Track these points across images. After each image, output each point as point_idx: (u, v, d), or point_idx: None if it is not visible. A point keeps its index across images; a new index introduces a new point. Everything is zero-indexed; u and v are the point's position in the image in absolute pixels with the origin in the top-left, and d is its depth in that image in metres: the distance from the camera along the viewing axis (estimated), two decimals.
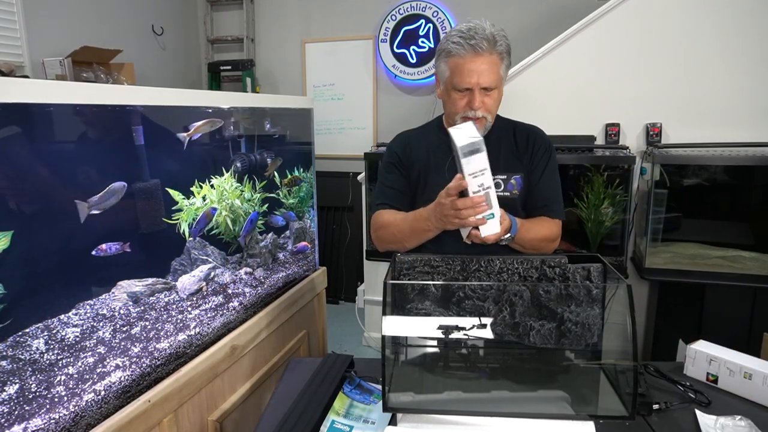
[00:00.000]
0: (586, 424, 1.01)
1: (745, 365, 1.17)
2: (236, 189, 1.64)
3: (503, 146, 1.42)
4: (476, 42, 1.28)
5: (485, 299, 1.13)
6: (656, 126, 2.58)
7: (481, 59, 1.29)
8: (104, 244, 1.17)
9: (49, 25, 2.92)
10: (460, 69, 1.30)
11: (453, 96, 1.34)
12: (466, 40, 1.29)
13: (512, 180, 1.42)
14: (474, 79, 1.29)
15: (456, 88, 1.32)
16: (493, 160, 1.37)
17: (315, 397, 1.15)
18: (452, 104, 1.36)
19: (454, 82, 1.32)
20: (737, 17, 2.45)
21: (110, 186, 1.17)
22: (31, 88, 0.99)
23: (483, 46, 1.28)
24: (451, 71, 1.32)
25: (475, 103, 1.31)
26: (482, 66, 1.29)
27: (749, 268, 2.32)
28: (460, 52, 1.29)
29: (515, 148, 1.44)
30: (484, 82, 1.30)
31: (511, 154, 1.43)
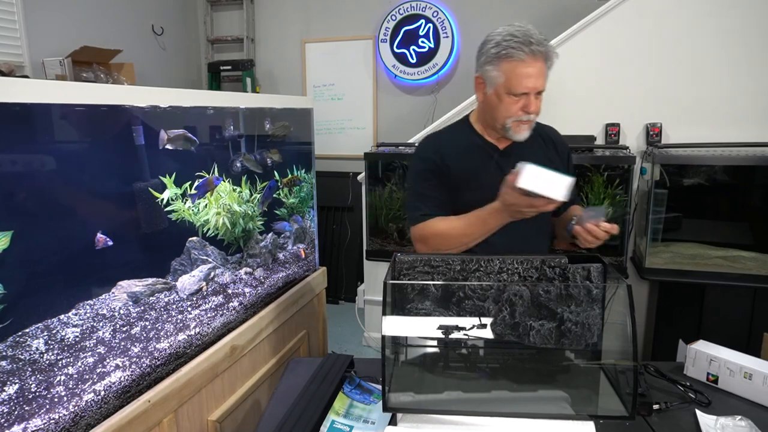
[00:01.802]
0: (586, 424, 1.01)
1: (745, 365, 1.17)
2: (234, 192, 1.64)
3: (535, 147, 1.44)
4: (534, 47, 1.27)
5: (485, 299, 1.13)
6: (656, 126, 2.58)
7: (539, 64, 1.29)
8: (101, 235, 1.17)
9: (49, 25, 2.92)
10: (518, 73, 1.29)
11: (506, 100, 1.33)
12: (524, 44, 1.27)
13: None
14: (532, 84, 1.29)
15: (512, 92, 1.31)
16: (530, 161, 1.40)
17: (315, 397, 1.15)
18: (505, 108, 1.34)
19: (510, 86, 1.30)
20: (737, 17, 2.45)
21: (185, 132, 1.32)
22: (31, 88, 0.99)
23: (540, 50, 1.28)
24: (507, 75, 1.30)
25: (532, 107, 1.31)
26: (539, 70, 1.29)
27: (749, 268, 2.32)
28: (519, 56, 1.28)
29: (545, 148, 1.47)
30: (540, 86, 1.31)
31: (543, 155, 1.45)
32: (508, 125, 1.35)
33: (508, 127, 1.36)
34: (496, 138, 1.43)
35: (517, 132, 1.36)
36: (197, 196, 1.44)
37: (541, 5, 3.52)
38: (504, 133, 1.38)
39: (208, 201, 1.51)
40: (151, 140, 1.30)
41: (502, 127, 1.37)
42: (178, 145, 1.41)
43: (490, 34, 1.35)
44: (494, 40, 1.32)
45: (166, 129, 1.36)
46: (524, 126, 1.35)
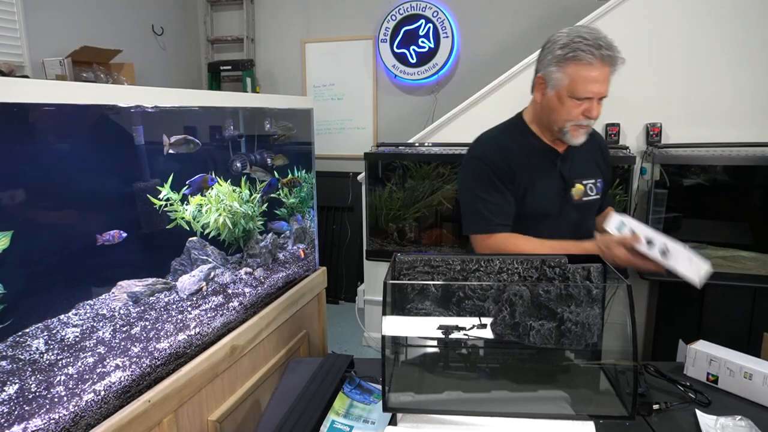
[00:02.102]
0: (586, 424, 1.01)
1: (746, 365, 1.17)
2: (234, 192, 1.64)
3: (587, 152, 1.44)
4: (604, 51, 1.24)
5: (485, 299, 1.13)
6: (656, 126, 2.58)
7: (606, 69, 1.26)
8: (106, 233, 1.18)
9: (49, 25, 2.92)
10: (585, 78, 1.25)
11: (568, 104, 1.30)
12: (594, 47, 1.24)
13: (598, 183, 1.47)
14: (597, 89, 1.26)
15: (576, 96, 1.28)
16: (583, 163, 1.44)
17: (315, 397, 1.15)
18: (566, 111, 1.31)
19: (575, 89, 1.27)
20: (737, 17, 2.45)
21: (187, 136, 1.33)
22: (31, 88, 0.98)
23: (609, 55, 1.25)
24: (573, 79, 1.26)
25: (595, 113, 1.29)
26: (605, 75, 1.27)
27: (749, 268, 2.32)
28: (587, 59, 1.24)
29: (594, 154, 1.47)
30: (604, 91, 1.29)
31: (593, 160, 1.46)
32: (566, 129, 1.32)
33: (566, 130, 1.33)
34: (552, 140, 1.40)
35: (575, 136, 1.33)
36: (191, 192, 1.42)
37: (541, 5, 3.52)
38: (560, 136, 1.35)
39: (209, 202, 1.51)
40: (150, 140, 1.30)
41: (560, 130, 1.34)
42: (180, 149, 1.41)
43: (556, 35, 1.30)
44: (561, 40, 1.28)
45: (167, 129, 1.37)
46: (582, 131, 1.33)
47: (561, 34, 1.29)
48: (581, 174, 1.44)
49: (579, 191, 1.43)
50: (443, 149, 2.96)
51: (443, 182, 3.01)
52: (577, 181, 1.43)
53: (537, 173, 1.39)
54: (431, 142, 3.03)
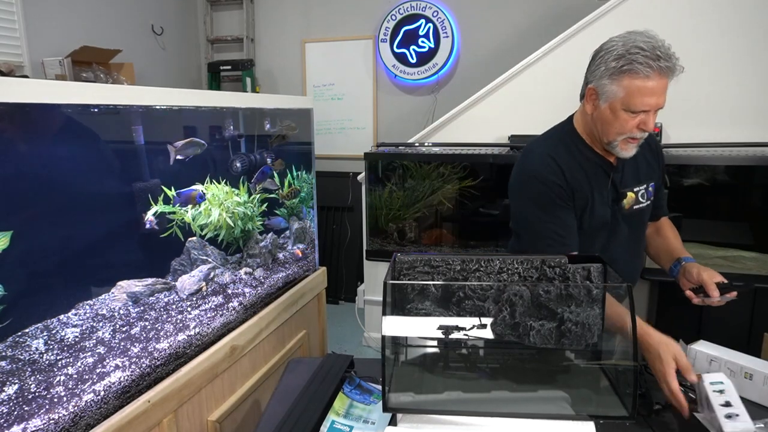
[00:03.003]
0: (586, 424, 1.01)
1: (746, 365, 1.17)
2: (231, 192, 1.64)
3: (637, 156, 1.37)
4: (663, 62, 1.19)
5: (485, 299, 1.12)
6: (656, 126, 2.58)
7: (664, 81, 1.21)
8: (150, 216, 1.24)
9: (49, 25, 2.92)
10: (642, 91, 1.19)
11: (623, 117, 1.23)
12: (652, 59, 1.18)
13: (650, 188, 1.43)
14: (654, 101, 1.21)
15: (631, 109, 1.22)
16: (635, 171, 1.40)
17: (315, 397, 1.15)
18: (620, 125, 1.24)
19: (630, 103, 1.21)
20: (737, 17, 2.45)
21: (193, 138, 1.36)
22: (31, 88, 0.98)
23: (668, 66, 1.19)
24: (628, 91, 1.20)
25: (650, 125, 1.23)
26: (662, 88, 1.21)
27: (749, 268, 2.32)
28: (645, 73, 1.18)
29: (645, 155, 1.42)
30: (661, 103, 1.23)
31: (644, 162, 1.42)
32: (616, 142, 1.26)
33: (616, 144, 1.27)
34: (604, 150, 1.35)
35: (625, 149, 1.27)
36: (178, 203, 1.41)
37: (541, 5, 3.52)
38: (610, 148, 1.30)
39: (210, 202, 1.51)
40: (150, 140, 1.30)
41: (609, 143, 1.28)
42: (187, 153, 1.41)
43: (609, 43, 1.23)
44: (616, 51, 1.21)
45: (167, 129, 1.37)
46: (633, 144, 1.27)
47: (615, 43, 1.22)
48: (633, 181, 1.39)
49: (630, 200, 1.38)
50: (443, 149, 2.96)
51: (443, 182, 3.01)
52: (628, 189, 1.38)
53: (593, 187, 1.34)
54: (431, 142, 3.03)
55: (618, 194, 1.38)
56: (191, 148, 1.42)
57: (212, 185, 1.54)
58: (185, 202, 1.41)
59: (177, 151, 1.37)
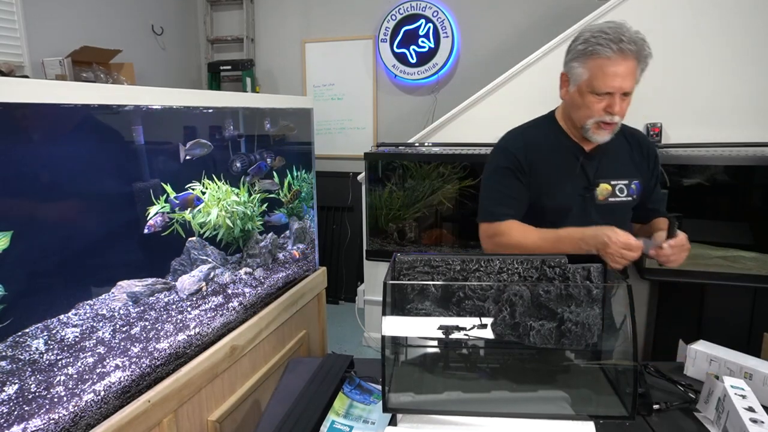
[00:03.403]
0: (586, 424, 1.01)
1: (746, 365, 1.17)
2: (230, 191, 1.64)
3: (621, 152, 1.40)
4: (624, 45, 1.22)
5: (485, 299, 1.12)
6: (656, 126, 2.58)
7: (628, 63, 1.24)
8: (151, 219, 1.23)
9: (49, 25, 2.92)
10: (604, 72, 1.24)
11: (589, 99, 1.28)
12: (614, 42, 1.22)
13: (633, 185, 1.42)
14: (617, 84, 1.24)
15: (596, 91, 1.27)
16: (615, 164, 1.40)
17: (315, 397, 1.15)
18: (587, 108, 1.29)
19: (594, 85, 1.26)
20: (737, 17, 2.45)
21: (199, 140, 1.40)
22: (31, 88, 0.98)
23: (631, 49, 1.23)
24: (592, 74, 1.26)
25: (616, 108, 1.27)
26: (627, 70, 1.24)
27: (749, 268, 2.32)
28: (606, 54, 1.23)
29: (631, 153, 1.43)
30: (627, 86, 1.26)
31: (629, 160, 1.43)
32: (588, 126, 1.31)
33: (587, 128, 1.31)
34: (581, 138, 1.38)
35: (597, 134, 1.31)
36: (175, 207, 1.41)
37: (541, 5, 3.52)
38: (584, 133, 1.34)
39: (207, 203, 1.51)
40: (150, 140, 1.30)
41: (582, 127, 1.32)
42: (195, 153, 1.43)
43: (581, 31, 1.30)
44: (583, 36, 1.27)
45: (167, 130, 1.37)
46: (605, 129, 1.30)
47: (586, 29, 1.28)
48: (612, 174, 1.40)
49: (605, 191, 1.39)
50: (443, 149, 2.96)
51: (443, 182, 3.01)
52: (604, 180, 1.39)
53: (558, 170, 1.37)
54: (431, 142, 3.02)
55: (590, 183, 1.38)
56: (198, 148, 1.44)
57: (212, 183, 1.53)
58: (183, 206, 1.42)
59: (186, 151, 1.39)
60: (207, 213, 1.51)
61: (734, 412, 0.99)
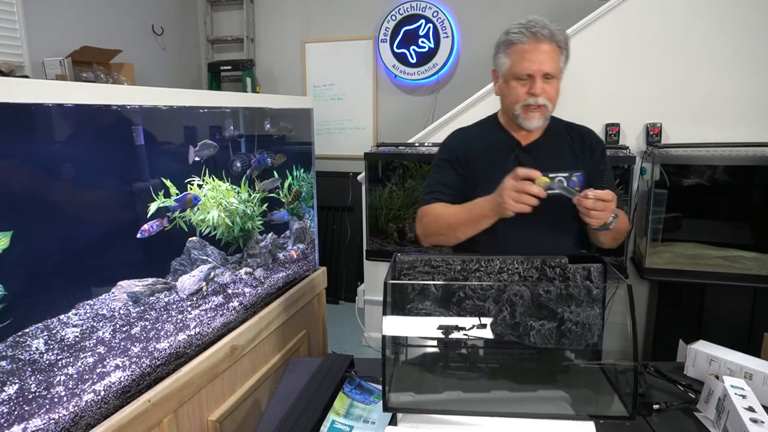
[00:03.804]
0: (586, 424, 1.01)
1: (745, 365, 1.17)
2: (231, 189, 1.64)
3: (561, 145, 1.43)
4: (537, 30, 1.30)
5: (485, 299, 1.13)
6: (656, 126, 2.58)
7: (543, 46, 1.30)
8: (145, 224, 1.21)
9: (49, 25, 2.92)
10: (521, 56, 1.31)
11: (512, 85, 1.34)
12: (527, 28, 1.30)
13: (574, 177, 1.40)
14: (536, 66, 1.30)
15: (517, 76, 1.33)
16: (553, 159, 1.41)
17: (315, 397, 1.15)
18: (512, 93, 1.35)
19: (514, 70, 1.33)
20: (737, 17, 2.45)
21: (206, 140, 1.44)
22: (31, 88, 0.99)
23: (544, 33, 1.30)
24: (512, 60, 1.33)
25: (537, 89, 1.31)
26: (543, 53, 1.30)
27: (749, 268, 2.32)
28: (521, 40, 1.31)
29: (573, 147, 1.45)
30: (546, 68, 1.30)
31: (570, 153, 1.44)
32: (517, 112, 1.35)
33: (517, 113, 1.35)
34: (520, 133, 1.42)
35: (527, 119, 1.35)
36: (176, 209, 1.41)
37: (542, 5, 3.52)
38: (516, 121, 1.37)
39: (205, 201, 1.51)
40: (150, 140, 1.30)
41: (514, 115, 1.37)
42: (203, 155, 1.47)
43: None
44: (504, 31, 1.35)
45: (167, 130, 1.37)
46: (534, 113, 1.34)
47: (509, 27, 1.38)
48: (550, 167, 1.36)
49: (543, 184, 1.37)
50: None
51: None
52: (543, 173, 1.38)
53: (493, 163, 1.39)
54: (431, 142, 3.02)
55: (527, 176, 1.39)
56: (206, 149, 1.48)
57: (211, 180, 1.53)
58: (183, 207, 1.43)
59: (196, 153, 1.43)
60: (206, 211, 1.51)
61: (734, 412, 0.99)
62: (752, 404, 1.00)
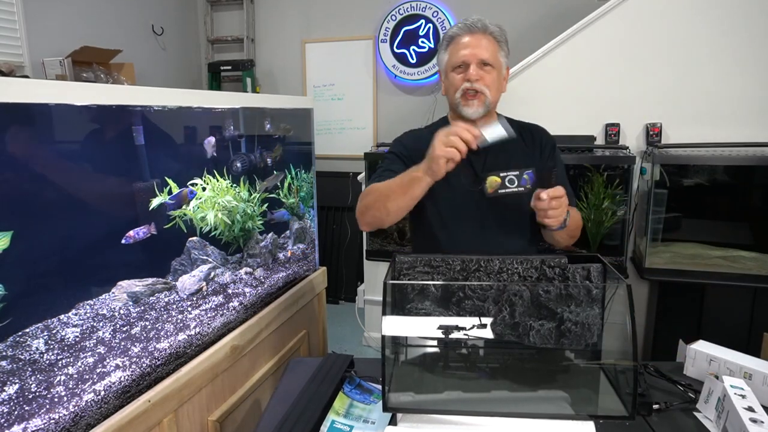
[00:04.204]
0: (586, 424, 1.01)
1: (745, 365, 1.17)
2: (231, 187, 1.64)
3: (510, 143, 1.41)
4: (471, 22, 1.36)
5: (485, 299, 1.13)
6: (656, 126, 2.58)
7: (477, 35, 1.35)
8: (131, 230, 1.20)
9: (49, 25, 2.92)
10: (456, 46, 1.36)
11: (452, 76, 1.38)
12: (462, 23, 1.38)
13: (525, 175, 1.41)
14: (469, 51, 1.34)
15: (454, 65, 1.36)
16: (503, 158, 1.40)
17: (315, 397, 1.15)
18: (452, 84, 1.38)
19: (452, 60, 1.37)
20: (737, 17, 2.45)
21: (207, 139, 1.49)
22: (31, 88, 0.99)
23: (478, 26, 1.36)
24: (449, 52, 1.38)
25: (472, 74, 1.33)
26: (476, 41, 1.35)
27: (749, 268, 2.32)
28: (457, 33, 1.37)
29: (523, 145, 1.46)
30: (480, 54, 1.34)
31: (520, 151, 1.44)
32: (457, 101, 1.37)
33: (458, 103, 1.38)
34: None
35: (466, 106, 1.36)
36: (172, 207, 1.40)
37: (541, 5, 3.52)
38: (458, 111, 1.39)
39: (203, 202, 1.51)
40: (150, 140, 1.30)
41: (455, 105, 1.39)
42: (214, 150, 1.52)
43: None
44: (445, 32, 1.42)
45: (167, 130, 1.37)
46: (472, 100, 1.36)
47: None
48: (500, 166, 1.40)
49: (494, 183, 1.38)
50: None
51: None
52: (493, 173, 1.38)
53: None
54: None
55: (477, 176, 1.40)
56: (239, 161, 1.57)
57: (210, 179, 1.53)
58: (178, 204, 1.42)
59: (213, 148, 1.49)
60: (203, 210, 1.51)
61: (734, 412, 0.99)
62: (752, 404, 1.00)
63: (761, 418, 0.96)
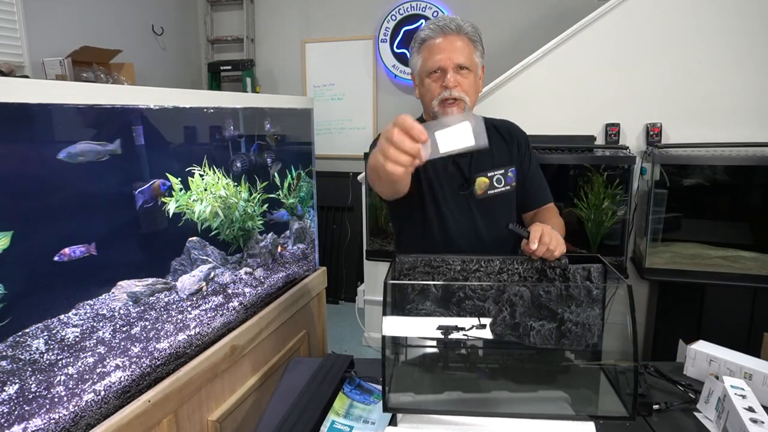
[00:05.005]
0: (586, 425, 1.01)
1: (745, 365, 1.17)
2: (229, 185, 1.63)
3: (492, 142, 1.41)
4: (444, 24, 1.29)
5: (485, 299, 1.12)
6: (656, 126, 2.58)
7: (452, 38, 1.28)
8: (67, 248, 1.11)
9: (49, 25, 2.92)
10: (431, 51, 1.29)
11: (427, 83, 1.31)
12: (435, 24, 1.30)
13: (509, 173, 1.42)
14: (445, 56, 1.27)
15: (429, 71, 1.30)
16: (488, 156, 1.39)
17: (315, 397, 1.15)
18: (429, 91, 1.31)
19: (427, 65, 1.30)
20: (737, 17, 2.45)
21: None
22: (31, 88, 0.98)
23: (451, 27, 1.29)
24: (423, 57, 1.31)
25: (449, 81, 1.27)
26: (451, 44, 1.28)
27: (749, 268, 2.32)
28: (430, 35, 1.30)
29: (502, 143, 1.44)
30: (456, 58, 1.27)
31: (500, 150, 1.43)
32: (435, 109, 1.31)
33: (436, 111, 1.31)
34: None
35: (445, 115, 1.29)
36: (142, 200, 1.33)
37: (541, 5, 3.52)
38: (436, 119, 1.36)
39: (199, 195, 1.51)
40: (150, 140, 1.30)
41: (433, 113, 1.32)
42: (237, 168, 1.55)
43: None
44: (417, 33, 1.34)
45: (167, 130, 1.37)
46: (452, 108, 1.29)
47: None
48: (485, 167, 1.39)
49: (483, 184, 1.37)
50: None
51: None
52: (480, 174, 1.38)
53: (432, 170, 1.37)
54: None
55: (466, 179, 1.37)
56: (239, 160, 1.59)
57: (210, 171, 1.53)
58: (151, 198, 1.37)
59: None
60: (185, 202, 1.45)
61: (734, 412, 0.99)
62: (752, 404, 1.00)
63: (761, 418, 0.96)
